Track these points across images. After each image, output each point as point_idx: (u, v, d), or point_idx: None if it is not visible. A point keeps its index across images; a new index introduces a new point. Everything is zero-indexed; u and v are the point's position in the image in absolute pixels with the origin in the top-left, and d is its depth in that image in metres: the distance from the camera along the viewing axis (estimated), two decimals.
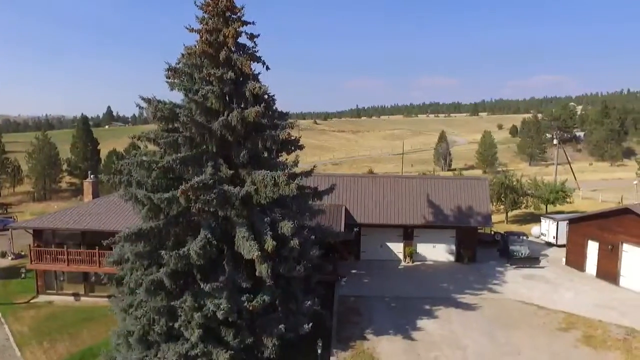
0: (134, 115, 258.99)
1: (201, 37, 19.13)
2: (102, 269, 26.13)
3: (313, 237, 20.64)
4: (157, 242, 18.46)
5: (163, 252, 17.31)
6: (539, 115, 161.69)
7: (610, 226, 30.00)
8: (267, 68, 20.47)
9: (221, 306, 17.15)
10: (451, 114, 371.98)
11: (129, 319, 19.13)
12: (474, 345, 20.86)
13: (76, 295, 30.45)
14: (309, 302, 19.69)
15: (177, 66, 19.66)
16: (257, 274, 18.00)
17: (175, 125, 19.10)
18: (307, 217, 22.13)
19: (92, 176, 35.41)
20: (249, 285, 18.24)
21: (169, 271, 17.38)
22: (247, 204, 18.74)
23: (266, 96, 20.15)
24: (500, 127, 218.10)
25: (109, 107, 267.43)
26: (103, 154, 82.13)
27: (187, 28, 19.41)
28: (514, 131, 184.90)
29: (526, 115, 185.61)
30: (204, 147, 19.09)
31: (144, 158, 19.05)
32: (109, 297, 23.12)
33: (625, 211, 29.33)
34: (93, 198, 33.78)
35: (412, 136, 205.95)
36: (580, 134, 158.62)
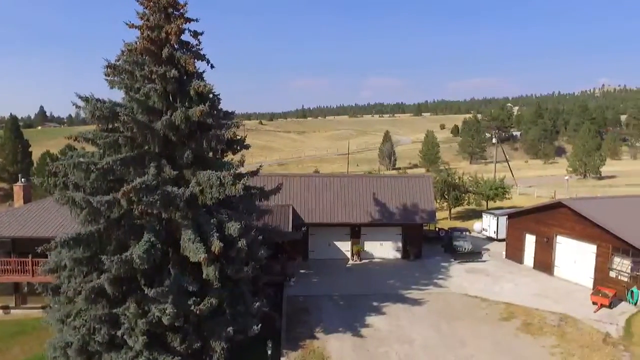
0: (70, 115, 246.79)
1: (142, 33, 18.47)
2: (35, 278, 24.69)
3: (261, 237, 20.39)
4: (98, 247, 17.65)
5: (104, 257, 16.55)
6: (479, 116, 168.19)
7: (545, 220, 31.57)
8: (212, 66, 20.10)
9: (167, 311, 16.60)
10: (395, 115, 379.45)
11: (67, 330, 18.16)
12: (421, 339, 21.34)
13: (5, 308, 28.50)
14: (258, 303, 19.44)
15: (117, 63, 18.85)
16: (204, 276, 17.61)
17: (116, 125, 18.30)
18: (255, 217, 21.88)
19: (23, 179, 33.37)
20: (196, 289, 17.75)
21: (110, 277, 16.64)
22: (193, 205, 18.26)
23: (211, 95, 19.67)
24: (442, 127, 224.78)
25: (41, 107, 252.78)
26: (35, 156, 77.64)
27: (127, 24, 18.68)
28: (455, 131, 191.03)
29: (467, 116, 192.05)
30: (146, 147, 18.42)
31: (82, 159, 18.09)
32: (43, 307, 21.80)
33: (558, 205, 30.94)
34: (25, 203, 31.84)
35: (358, 136, 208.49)
36: (517, 133, 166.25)
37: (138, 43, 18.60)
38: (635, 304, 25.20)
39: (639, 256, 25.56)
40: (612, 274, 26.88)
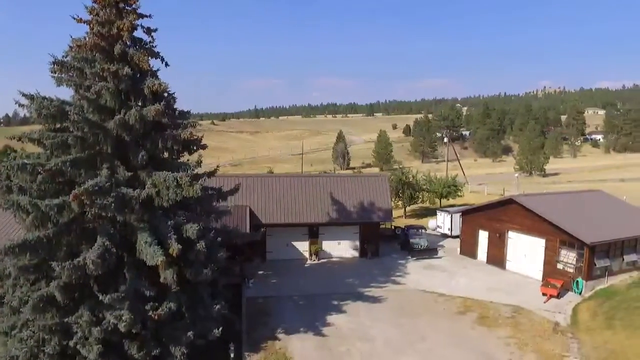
0: (7, 115, 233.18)
1: (91, 28, 17.71)
2: None
3: (219, 239, 20.01)
4: (46, 253, 16.75)
5: (54, 263, 15.72)
6: (430, 116, 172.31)
7: (497, 216, 32.64)
8: (167, 64, 19.49)
9: (123, 318, 15.96)
10: (348, 115, 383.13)
11: (12, 343, 17.15)
12: (382, 336, 21.55)
13: None
14: (218, 306, 19.01)
15: (65, 60, 17.97)
16: (161, 280, 17.02)
17: (64, 124, 17.45)
18: (213, 218, 21.44)
19: None
20: (153, 293, 17.17)
21: (61, 284, 15.83)
22: (149, 208, 17.67)
23: (166, 94, 19.12)
24: (394, 127, 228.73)
25: None
26: None
27: (75, 18, 17.82)
28: (407, 131, 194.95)
29: (418, 116, 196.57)
30: (98, 148, 17.65)
31: (27, 161, 17.14)
32: None
33: (509, 201, 32.06)
34: None
35: (311, 136, 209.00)
36: (466, 132, 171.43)
37: (87, 39, 17.80)
38: (580, 293, 26.48)
39: (582, 248, 26.88)
40: (560, 266, 28.13)
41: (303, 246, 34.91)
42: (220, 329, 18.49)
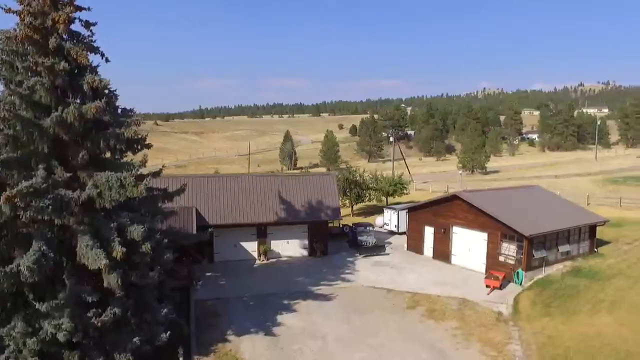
0: None
1: (22, 20, 16.62)
2: None
3: (165, 240, 19.41)
4: None
5: None
6: (376, 116, 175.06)
7: (442, 212, 33.55)
8: (107, 60, 18.67)
9: (62, 326, 15.15)
10: (295, 115, 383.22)
11: None
12: (333, 333, 21.62)
13: None
14: (165, 310, 18.45)
15: None
16: (105, 285, 16.33)
17: None
18: (159, 220, 20.77)
19: None
20: (96, 299, 16.41)
21: None
22: (90, 210, 16.88)
23: (107, 91, 18.31)
24: (341, 127, 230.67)
25: None
26: None
27: (3, 8, 16.66)
28: (353, 130, 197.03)
29: (364, 116, 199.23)
30: (33, 147, 16.65)
31: None
32: None
33: (453, 198, 33.03)
34: None
35: (258, 137, 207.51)
36: (411, 132, 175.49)
37: (18, 31, 16.72)
38: (521, 283, 27.67)
39: (522, 241, 28.11)
40: (501, 259, 29.28)
41: (251, 246, 34.50)
42: (168, 333, 17.95)
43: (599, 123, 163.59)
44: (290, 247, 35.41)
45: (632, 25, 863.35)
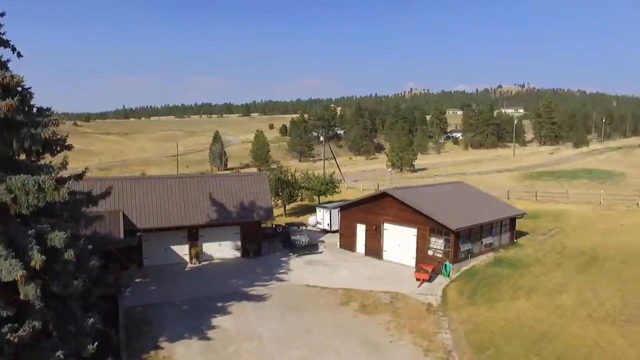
0: None
1: None
2: None
3: (90, 247, 18.42)
4: None
5: None
6: (306, 116, 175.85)
7: (373, 209, 34.35)
8: (19, 55, 17.41)
9: None
10: (224, 115, 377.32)
11: None
12: (269, 333, 21.51)
13: None
14: (91, 320, 17.48)
15: None
16: (22, 297, 15.19)
17: None
18: (82, 225, 19.66)
19: None
20: (12, 313, 15.25)
21: None
22: (3, 216, 15.66)
23: (20, 88, 17.08)
24: (271, 127, 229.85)
25: None
26: None
27: None
28: (283, 130, 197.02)
29: (294, 116, 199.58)
30: None
31: None
32: None
33: (383, 195, 33.93)
34: None
35: (186, 137, 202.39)
36: (341, 132, 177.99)
37: None
38: (448, 275, 28.94)
39: (449, 235, 29.40)
40: (430, 252, 30.46)
41: (183, 249, 33.58)
42: (96, 344, 17.03)
43: (516, 122, 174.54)
44: (223, 249, 34.83)
45: (543, 31, 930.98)
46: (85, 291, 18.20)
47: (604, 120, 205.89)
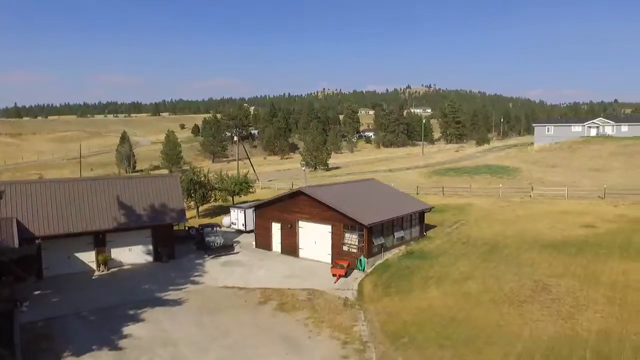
0: None
1: None
2: None
3: None
4: None
5: None
6: (218, 115, 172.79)
7: (288, 208, 34.46)
8: None
9: None
10: (132, 114, 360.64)
11: None
12: (185, 338, 20.82)
13: None
14: None
15: None
16: None
17: None
18: None
19: None
20: None
21: None
22: None
23: None
24: (182, 126, 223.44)
25: None
26: None
27: None
28: (196, 130, 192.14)
29: (206, 115, 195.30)
30: None
31: None
32: None
33: (298, 193, 34.15)
34: None
35: (90, 138, 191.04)
36: (255, 131, 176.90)
37: None
38: (363, 270, 29.75)
39: (362, 230, 30.23)
40: (345, 248, 31.12)
41: (89, 257, 31.59)
42: None
43: (424, 122, 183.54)
44: (134, 254, 33.25)
45: (448, 35, 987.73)
46: None
47: (502, 120, 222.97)
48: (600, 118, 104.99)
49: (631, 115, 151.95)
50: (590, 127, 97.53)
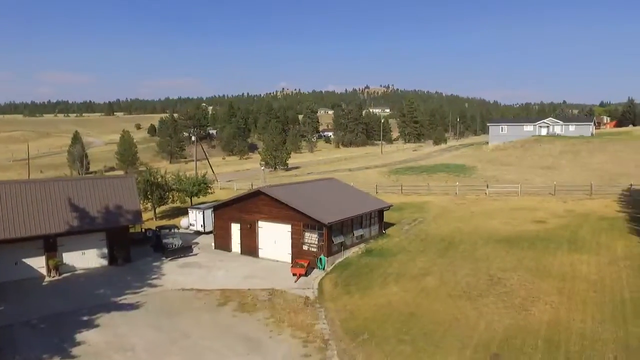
0: None
1: None
2: None
3: None
4: None
5: None
6: (175, 115, 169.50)
7: (247, 208, 34.19)
8: None
9: None
10: (84, 114, 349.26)
11: None
12: (143, 342, 20.28)
13: None
14: None
15: None
16: None
17: None
18: None
19: None
20: None
21: None
22: None
23: None
24: (138, 126, 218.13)
25: None
26: None
27: None
28: (152, 131, 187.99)
29: (163, 115, 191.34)
30: None
31: None
32: None
33: (257, 193, 33.92)
34: None
35: (39, 138, 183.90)
36: (213, 131, 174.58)
37: None
38: (324, 268, 29.85)
39: (322, 229, 30.32)
40: (305, 247, 31.14)
41: (38, 262, 30.33)
42: None
43: (383, 122, 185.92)
44: (87, 258, 32.18)
45: (406, 36, 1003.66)
46: None
47: (458, 120, 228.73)
48: (551, 118, 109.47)
49: (578, 116, 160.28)
50: (541, 126, 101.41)
